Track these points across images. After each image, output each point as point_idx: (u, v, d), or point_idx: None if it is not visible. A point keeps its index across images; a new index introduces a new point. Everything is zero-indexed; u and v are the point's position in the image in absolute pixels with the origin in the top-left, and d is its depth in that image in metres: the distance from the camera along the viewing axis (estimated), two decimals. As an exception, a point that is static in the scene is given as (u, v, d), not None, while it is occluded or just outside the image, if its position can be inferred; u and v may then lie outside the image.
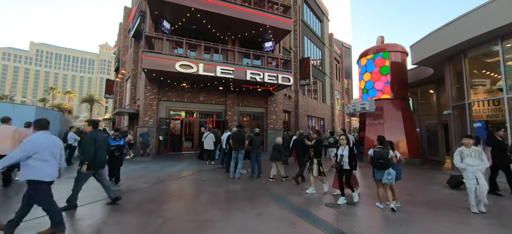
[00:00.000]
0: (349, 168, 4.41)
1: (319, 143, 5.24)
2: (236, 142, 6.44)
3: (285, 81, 13.09)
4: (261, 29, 13.50)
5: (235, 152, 6.45)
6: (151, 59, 10.24)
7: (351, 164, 4.39)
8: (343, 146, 4.55)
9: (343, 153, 4.46)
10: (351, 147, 4.56)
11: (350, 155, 4.42)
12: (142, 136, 10.92)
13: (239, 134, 6.57)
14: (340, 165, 4.43)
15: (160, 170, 7.33)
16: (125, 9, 22.83)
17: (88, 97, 51.91)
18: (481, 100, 7.24)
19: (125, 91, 21.11)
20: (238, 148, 6.41)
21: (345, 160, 4.41)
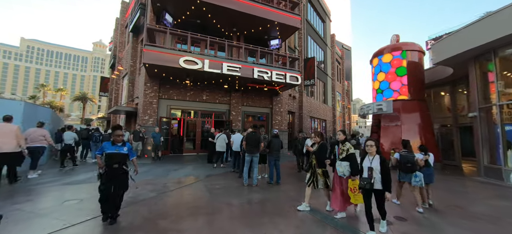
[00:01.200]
0: (382, 188, 3.13)
1: (322, 149, 4.08)
2: (251, 144, 5.74)
3: (293, 81, 12.50)
4: (268, 25, 12.88)
5: (250, 155, 5.75)
6: (153, 53, 9.47)
7: (385, 182, 3.12)
8: (371, 154, 3.26)
9: (373, 166, 3.15)
10: (383, 158, 3.25)
11: (383, 169, 3.13)
12: (154, 137, 9.98)
13: (254, 136, 5.88)
14: (368, 183, 3.13)
15: (165, 175, 6.58)
16: (123, 4, 21.85)
17: (80, 95, 50.19)
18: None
19: (121, 89, 20.14)
20: (253, 150, 5.72)
21: (376, 176, 3.13)
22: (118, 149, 3.36)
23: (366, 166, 3.25)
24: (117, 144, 3.39)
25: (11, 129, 5.02)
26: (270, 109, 15.20)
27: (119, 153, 3.34)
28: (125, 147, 3.44)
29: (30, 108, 6.93)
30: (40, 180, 5.61)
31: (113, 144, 3.37)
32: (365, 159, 3.33)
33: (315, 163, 4.07)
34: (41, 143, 6.08)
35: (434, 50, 8.39)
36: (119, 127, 3.54)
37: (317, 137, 4.27)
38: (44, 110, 8.00)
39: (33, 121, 7.08)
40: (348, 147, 3.76)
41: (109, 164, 3.27)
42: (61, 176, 6.12)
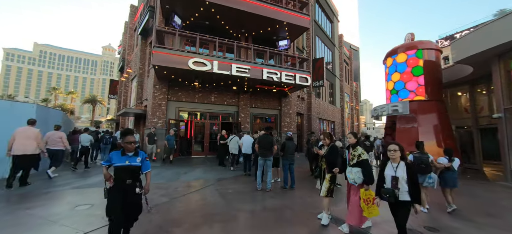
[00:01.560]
0: (410, 200, 2.61)
1: (333, 151, 3.69)
2: (264, 147, 5.52)
3: (302, 82, 12.25)
4: (277, 26, 12.69)
5: (263, 158, 5.53)
6: (163, 55, 9.43)
7: (414, 192, 2.60)
8: (395, 161, 2.76)
9: (398, 174, 2.68)
10: (410, 164, 2.79)
11: (411, 178, 2.63)
12: (168, 140, 9.77)
13: (267, 138, 5.65)
14: (392, 195, 2.63)
15: (175, 178, 6.45)
16: (131, 8, 22.16)
17: (90, 98, 51.27)
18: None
19: (130, 91, 20.33)
20: (266, 154, 5.49)
21: (402, 186, 2.66)
22: (130, 160, 2.59)
23: (389, 174, 2.73)
24: (128, 154, 2.61)
25: (34, 132, 5.28)
26: (278, 110, 14.97)
27: (131, 166, 2.58)
28: (138, 157, 2.67)
29: (42, 111, 6.95)
30: (52, 183, 5.57)
31: (124, 153, 2.61)
32: (387, 166, 2.81)
33: (324, 167, 3.71)
34: (59, 145, 6.22)
35: (454, 47, 7.99)
36: (131, 132, 2.77)
37: (327, 138, 3.89)
38: (55, 112, 8.04)
39: (45, 123, 7.10)
40: (359, 151, 3.31)
41: (118, 180, 2.54)
42: (73, 179, 6.07)
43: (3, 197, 4.43)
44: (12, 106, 6.09)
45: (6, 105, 6.03)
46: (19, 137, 5.11)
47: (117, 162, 2.57)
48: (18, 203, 4.14)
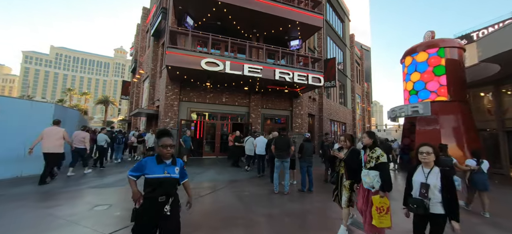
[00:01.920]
0: (445, 213, 2.16)
1: (354, 155, 3.30)
2: (281, 148, 5.35)
3: (315, 82, 11.99)
4: (289, 25, 12.51)
5: (279, 160, 5.35)
6: (176, 55, 9.44)
7: (450, 205, 2.15)
8: (427, 166, 2.33)
9: (429, 182, 2.24)
10: (447, 170, 2.32)
11: (447, 187, 2.18)
12: (185, 141, 9.58)
13: (283, 139, 5.49)
14: (421, 206, 2.20)
15: (190, 179, 6.36)
16: (144, 10, 22.56)
17: (103, 98, 52.71)
18: None
19: (141, 92, 20.66)
20: (283, 155, 5.30)
21: (434, 196, 2.19)
22: (168, 170, 2.01)
23: (418, 181, 2.30)
24: (165, 161, 2.04)
25: (59, 131, 5.60)
26: (290, 112, 14.74)
27: (171, 178, 2.00)
28: (177, 166, 2.08)
29: (60, 110, 7.07)
30: (69, 182, 5.61)
31: (160, 161, 2.01)
32: (417, 171, 2.38)
33: (342, 172, 3.34)
34: (82, 144, 6.57)
35: (481, 45, 7.53)
36: (167, 133, 2.15)
37: (348, 140, 3.49)
38: (73, 112, 8.19)
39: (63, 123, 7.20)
40: (378, 153, 2.91)
41: (152, 195, 1.93)
42: (89, 179, 6.10)
43: (22, 195, 4.46)
44: (32, 106, 6.21)
45: (27, 105, 6.16)
46: (47, 136, 5.42)
47: (152, 172, 1.93)
48: (38, 201, 4.15)
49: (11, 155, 5.73)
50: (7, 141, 5.67)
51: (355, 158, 3.27)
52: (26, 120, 6.03)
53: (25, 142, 5.99)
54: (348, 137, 3.58)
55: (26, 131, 6.01)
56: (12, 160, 5.75)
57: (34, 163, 6.12)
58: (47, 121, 6.44)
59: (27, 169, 5.99)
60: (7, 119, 5.67)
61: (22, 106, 6.06)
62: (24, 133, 6.00)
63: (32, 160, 6.05)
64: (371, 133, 3.12)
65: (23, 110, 6.02)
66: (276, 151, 5.41)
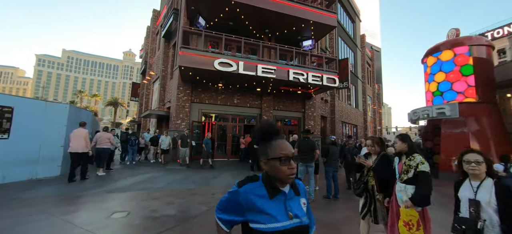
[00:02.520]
0: None
1: (384, 163, 2.72)
2: (304, 151, 4.97)
3: (330, 83, 11.60)
4: (303, 25, 12.19)
5: (304, 164, 4.98)
6: (189, 56, 9.26)
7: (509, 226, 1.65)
8: (476, 178, 1.86)
9: (480, 198, 1.78)
10: (506, 183, 1.79)
11: (506, 204, 1.67)
12: (206, 143, 9.32)
13: (307, 142, 5.09)
14: (471, 228, 1.75)
15: (205, 183, 6.11)
16: (154, 12, 22.70)
17: (112, 100, 53.56)
18: None
19: (151, 93, 20.70)
20: (307, 159, 4.92)
21: (490, 217, 1.72)
22: (293, 207, 1.01)
23: (466, 197, 1.85)
24: (283, 190, 1.02)
25: (84, 133, 6.00)
26: (302, 113, 14.36)
27: (301, 227, 0.99)
28: (302, 197, 1.09)
29: (74, 111, 6.96)
30: (84, 185, 5.43)
31: (275, 189, 1.01)
32: (463, 184, 1.93)
33: (372, 184, 2.76)
34: (106, 145, 6.79)
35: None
36: (278, 132, 1.09)
37: (376, 145, 2.82)
38: (86, 113, 8.10)
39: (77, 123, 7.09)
40: (418, 161, 2.38)
41: None
42: (103, 182, 5.92)
43: (37, 200, 4.29)
44: (47, 106, 6.10)
45: (42, 106, 6.05)
46: (74, 137, 5.86)
47: (268, 218, 0.95)
48: (53, 206, 3.95)
49: (26, 156, 5.61)
50: (22, 142, 5.55)
51: (386, 165, 2.70)
52: (41, 121, 5.92)
53: (41, 143, 5.88)
54: (376, 140, 2.93)
55: (41, 132, 5.91)
56: (27, 162, 5.63)
57: (49, 165, 6.01)
58: (62, 121, 6.34)
59: (42, 171, 5.87)
60: (22, 120, 5.55)
61: (37, 107, 5.96)
62: (39, 134, 5.89)
63: (47, 162, 5.95)
64: (405, 136, 2.61)
65: (38, 111, 5.92)
66: (300, 155, 5.01)
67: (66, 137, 6.35)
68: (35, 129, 5.81)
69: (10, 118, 5.37)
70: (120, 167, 8.34)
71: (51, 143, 6.05)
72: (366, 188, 2.81)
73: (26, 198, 4.29)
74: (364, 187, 2.84)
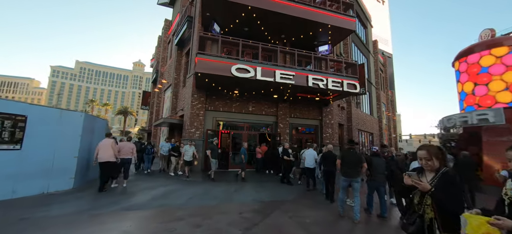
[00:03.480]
0: None
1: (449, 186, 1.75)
2: (349, 165, 4.46)
3: (350, 89, 11.02)
4: (320, 29, 11.76)
5: (348, 179, 4.47)
6: (206, 62, 8.92)
7: None
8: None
9: None
10: None
11: None
12: (244, 153, 8.68)
13: (353, 154, 4.58)
14: None
15: (227, 198, 5.54)
16: (166, 22, 22.93)
17: (122, 109, 54.28)
18: None
19: (162, 102, 20.56)
20: (351, 173, 4.41)
21: None
22: None
23: None
24: None
25: (110, 142, 6.02)
26: (319, 121, 13.72)
27: None
28: None
29: (89, 120, 6.63)
30: (100, 201, 4.96)
31: None
32: None
33: (431, 217, 1.77)
34: (129, 155, 6.74)
35: None
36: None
37: (434, 158, 1.85)
38: (101, 122, 7.76)
39: (92, 132, 6.73)
40: None
41: None
42: (120, 196, 5.45)
43: (49, 220, 3.83)
44: (61, 115, 5.76)
45: (56, 114, 5.72)
46: (102, 147, 5.91)
47: None
48: (68, 227, 3.47)
49: (39, 168, 5.23)
50: (35, 153, 5.19)
51: (453, 188, 1.75)
52: (55, 130, 5.57)
53: (54, 154, 5.50)
54: (434, 151, 1.89)
55: (55, 142, 5.55)
56: (39, 175, 5.24)
57: (62, 177, 5.61)
58: (77, 131, 5.98)
59: (54, 184, 5.46)
60: (36, 129, 5.21)
61: (52, 115, 5.63)
62: (53, 144, 5.52)
63: (60, 174, 5.56)
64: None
65: (52, 120, 5.58)
66: (343, 168, 4.52)
67: (81, 148, 5.98)
68: (49, 139, 5.46)
69: (24, 127, 5.03)
70: (134, 177, 7.88)
71: (65, 154, 5.67)
72: (422, 220, 1.81)
73: (39, 218, 3.84)
74: (421, 220, 1.81)
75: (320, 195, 6.26)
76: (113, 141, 6.16)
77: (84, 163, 6.42)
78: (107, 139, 6.08)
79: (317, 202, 5.54)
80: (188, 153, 8.50)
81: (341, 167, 4.52)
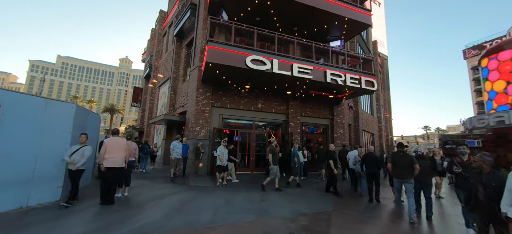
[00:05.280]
0: None
1: None
2: (401, 167, 4.57)
3: (368, 86, 10.38)
4: (336, 22, 11.01)
5: (400, 180, 4.64)
6: (218, 51, 7.86)
7: None
8: None
9: None
10: None
11: None
12: (296, 155, 7.40)
13: (404, 156, 4.64)
14: None
15: (263, 211, 4.54)
16: (161, 13, 21.41)
17: (109, 107, 51.30)
18: None
19: (156, 98, 19.09)
20: (404, 175, 4.51)
21: None
22: None
23: None
24: None
25: (124, 143, 4.84)
26: (330, 120, 12.99)
27: None
28: None
29: (81, 113, 5.38)
30: (101, 220, 3.80)
31: None
32: None
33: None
34: (132, 157, 5.63)
35: None
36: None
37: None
38: (95, 117, 6.46)
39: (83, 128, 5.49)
40: None
41: None
42: (125, 211, 4.28)
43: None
44: (47, 106, 4.50)
45: (40, 104, 4.45)
46: (112, 147, 4.61)
47: None
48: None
49: (15, 175, 3.99)
50: (11, 155, 3.93)
51: None
52: (38, 125, 4.33)
53: (36, 156, 4.26)
54: None
55: (38, 140, 4.30)
56: (16, 183, 3.98)
57: (46, 186, 4.36)
58: (66, 126, 4.75)
59: (36, 195, 4.22)
60: (12, 123, 3.96)
61: (34, 105, 4.37)
62: (36, 143, 4.28)
63: (44, 182, 4.32)
64: None
65: (34, 112, 4.33)
66: (395, 170, 4.66)
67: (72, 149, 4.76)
68: (30, 136, 4.21)
69: (-5, 120, 3.77)
70: (136, 184, 6.66)
71: (51, 156, 4.43)
72: None
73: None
74: None
75: (357, 198, 5.58)
76: (125, 141, 4.95)
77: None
78: (118, 138, 4.84)
79: (362, 210, 4.80)
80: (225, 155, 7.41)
81: (393, 169, 4.68)
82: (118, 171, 4.63)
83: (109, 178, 4.54)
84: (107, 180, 4.55)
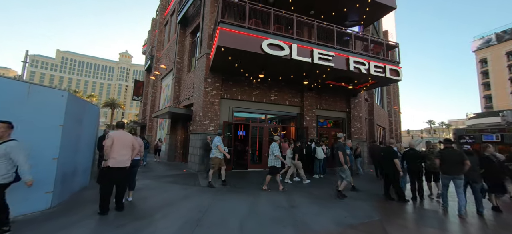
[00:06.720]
0: None
1: None
2: (450, 163, 4.46)
3: (393, 75, 9.46)
4: (357, 5, 10.00)
5: (448, 176, 4.52)
6: (231, 34, 6.92)
7: None
8: None
9: None
10: None
11: None
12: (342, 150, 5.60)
13: (453, 152, 4.55)
14: None
15: (301, 222, 3.69)
16: (162, 1, 20.28)
17: (110, 101, 50.45)
18: None
19: (159, 91, 18.20)
20: (454, 170, 4.40)
21: None
22: None
23: None
24: None
25: (131, 139, 4.06)
26: (346, 113, 12.09)
27: None
28: None
29: (76, 103, 4.50)
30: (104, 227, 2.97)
31: None
32: None
33: None
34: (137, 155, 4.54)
35: None
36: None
37: None
38: (93, 108, 5.57)
39: (79, 121, 4.62)
40: None
41: None
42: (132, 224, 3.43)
43: None
44: (30, 91, 3.62)
45: (22, 89, 3.57)
46: (117, 144, 3.77)
47: None
48: None
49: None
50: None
51: None
52: (19, 116, 3.44)
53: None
54: None
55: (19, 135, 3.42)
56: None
57: (32, 193, 3.50)
58: (56, 118, 3.88)
59: (19, 204, 3.37)
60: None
61: (14, 91, 3.49)
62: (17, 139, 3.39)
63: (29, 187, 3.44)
64: None
65: (15, 100, 3.46)
66: (444, 166, 4.55)
67: (64, 145, 3.89)
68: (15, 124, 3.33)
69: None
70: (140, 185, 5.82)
71: (36, 155, 3.57)
72: None
73: None
74: None
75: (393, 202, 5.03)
76: (132, 137, 4.12)
77: (69, 169, 4.33)
78: (124, 132, 4.04)
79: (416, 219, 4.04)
80: None
81: (441, 166, 4.58)
82: (121, 172, 3.81)
83: (116, 181, 3.76)
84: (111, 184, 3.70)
